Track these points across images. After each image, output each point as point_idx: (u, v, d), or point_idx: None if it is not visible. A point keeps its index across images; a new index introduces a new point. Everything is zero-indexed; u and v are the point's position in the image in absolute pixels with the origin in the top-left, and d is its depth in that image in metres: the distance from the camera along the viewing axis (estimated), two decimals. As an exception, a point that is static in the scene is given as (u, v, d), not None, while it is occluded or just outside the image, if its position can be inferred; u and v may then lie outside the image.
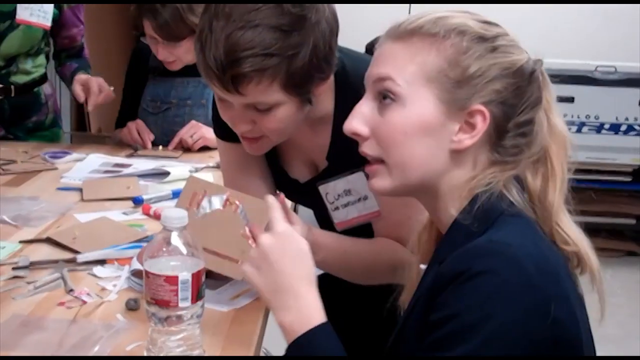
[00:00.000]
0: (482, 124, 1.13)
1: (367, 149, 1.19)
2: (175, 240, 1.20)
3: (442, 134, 1.14)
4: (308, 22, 1.37)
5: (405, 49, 1.16)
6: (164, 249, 1.20)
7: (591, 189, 4.64)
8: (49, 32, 2.84)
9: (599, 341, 3.81)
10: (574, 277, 1.16)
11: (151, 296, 1.20)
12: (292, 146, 1.67)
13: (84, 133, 4.37)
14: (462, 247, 1.08)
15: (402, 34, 1.17)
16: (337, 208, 1.65)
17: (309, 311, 1.17)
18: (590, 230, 4.15)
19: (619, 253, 4.71)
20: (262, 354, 3.07)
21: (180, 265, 1.19)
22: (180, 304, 1.19)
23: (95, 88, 2.68)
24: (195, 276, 1.20)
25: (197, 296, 1.21)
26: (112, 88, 2.76)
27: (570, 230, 1.18)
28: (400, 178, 1.17)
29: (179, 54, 2.64)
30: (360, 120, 1.18)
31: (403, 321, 1.17)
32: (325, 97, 1.50)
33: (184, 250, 1.20)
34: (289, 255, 1.20)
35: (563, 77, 4.69)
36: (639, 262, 4.65)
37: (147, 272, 1.20)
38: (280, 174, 1.74)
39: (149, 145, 2.73)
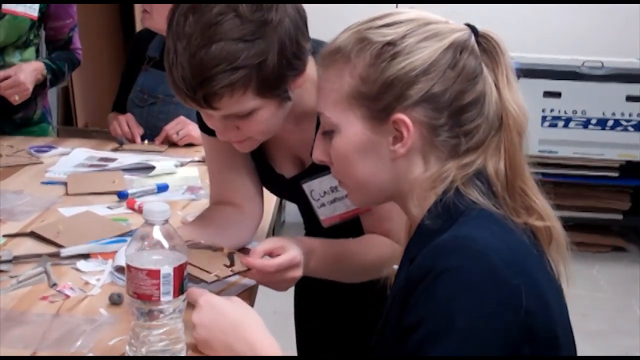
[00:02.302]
0: (407, 132, 1.13)
1: (333, 173, 1.25)
2: (157, 234, 1.20)
3: (378, 148, 1.16)
4: (270, 25, 1.35)
5: (326, 76, 1.19)
6: (146, 243, 1.19)
7: (578, 184, 4.66)
8: (39, 24, 2.81)
9: (586, 336, 3.85)
10: (549, 266, 1.15)
11: (133, 290, 1.19)
12: (277, 142, 1.66)
13: (71, 127, 4.36)
14: (428, 244, 1.07)
15: (324, 61, 1.20)
16: (323, 205, 1.65)
17: (268, 350, 1.21)
18: (577, 226, 4.19)
19: (606, 248, 4.73)
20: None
21: (162, 260, 1.19)
22: (162, 298, 1.19)
23: (8, 82, 2.62)
24: (177, 270, 1.19)
25: (179, 290, 1.20)
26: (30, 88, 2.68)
27: (543, 206, 1.16)
28: (363, 195, 1.23)
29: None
30: (320, 150, 1.23)
31: (382, 324, 1.17)
32: (307, 91, 1.50)
33: (165, 244, 1.20)
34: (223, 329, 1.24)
35: (550, 73, 4.73)
36: (626, 257, 4.68)
37: (129, 266, 1.19)
38: (266, 170, 1.74)
39: (138, 140, 2.72)
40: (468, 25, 1.18)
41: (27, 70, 2.68)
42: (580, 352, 1.20)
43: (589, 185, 4.67)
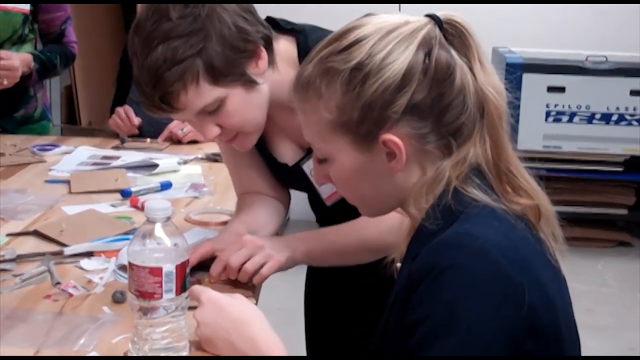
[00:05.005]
0: (398, 149, 1.12)
1: (338, 191, 1.26)
2: (159, 231, 1.20)
3: (375, 166, 1.15)
4: (201, 17, 1.43)
5: (303, 109, 1.18)
6: (148, 241, 1.19)
7: (582, 179, 4.65)
8: (32, 18, 2.80)
9: (591, 330, 3.85)
10: (551, 254, 1.15)
11: (135, 288, 1.19)
12: (275, 130, 1.69)
13: (75, 126, 4.36)
14: (431, 241, 1.07)
15: (296, 95, 1.18)
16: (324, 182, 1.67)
17: (271, 347, 1.20)
18: (582, 221, 4.19)
19: (611, 243, 4.72)
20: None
21: (164, 257, 1.19)
22: (165, 296, 1.19)
23: (4, 64, 2.61)
24: (180, 268, 1.19)
25: (181, 288, 1.20)
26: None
27: (530, 184, 1.15)
28: (370, 209, 1.24)
29: None
30: (320, 175, 1.23)
31: (385, 321, 1.17)
32: (289, 74, 1.51)
33: (168, 241, 1.20)
34: (224, 326, 1.24)
35: (554, 68, 4.70)
36: (631, 252, 4.66)
37: (131, 264, 1.19)
38: (270, 160, 1.76)
39: (135, 129, 2.72)
40: (429, 16, 1.15)
41: (20, 59, 2.67)
42: (586, 347, 1.20)
43: (594, 180, 4.64)
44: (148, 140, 2.71)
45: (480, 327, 1.01)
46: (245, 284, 1.54)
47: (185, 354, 1.24)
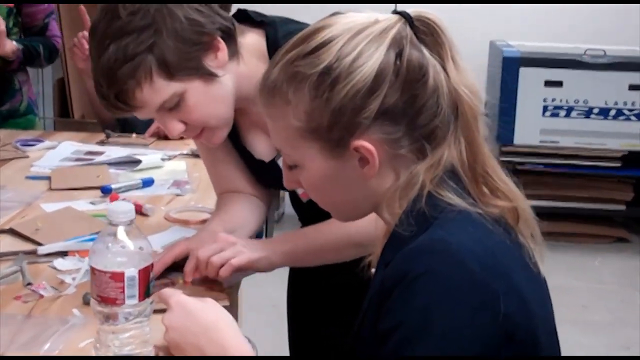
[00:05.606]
0: (371, 156, 1.08)
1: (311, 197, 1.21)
2: (122, 235, 1.16)
3: (347, 174, 1.11)
4: (150, 14, 1.42)
5: (269, 114, 1.13)
6: (110, 245, 1.15)
7: (580, 174, 4.61)
8: (16, 11, 2.78)
9: (587, 327, 3.82)
10: (533, 265, 1.11)
11: (97, 293, 1.16)
12: (250, 126, 1.67)
13: (67, 119, 4.33)
14: (404, 248, 1.04)
15: (262, 99, 1.13)
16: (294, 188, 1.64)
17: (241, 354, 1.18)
18: (579, 217, 4.17)
19: (609, 239, 4.69)
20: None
21: (127, 262, 1.15)
22: (127, 302, 1.15)
23: None
24: (143, 272, 1.16)
25: (145, 293, 1.17)
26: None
27: (508, 186, 1.12)
28: (343, 214, 1.21)
29: None
30: (290, 181, 1.18)
31: (358, 326, 1.14)
32: (258, 67, 1.48)
33: (131, 245, 1.16)
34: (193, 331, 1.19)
35: (551, 61, 4.68)
36: (629, 248, 4.63)
37: (92, 268, 1.16)
38: (247, 157, 1.73)
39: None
40: (399, 13, 1.10)
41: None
42: (580, 344, 1.17)
43: (591, 175, 4.61)
44: (134, 135, 2.68)
45: (456, 332, 0.98)
46: (220, 286, 1.51)
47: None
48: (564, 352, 1.16)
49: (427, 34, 1.10)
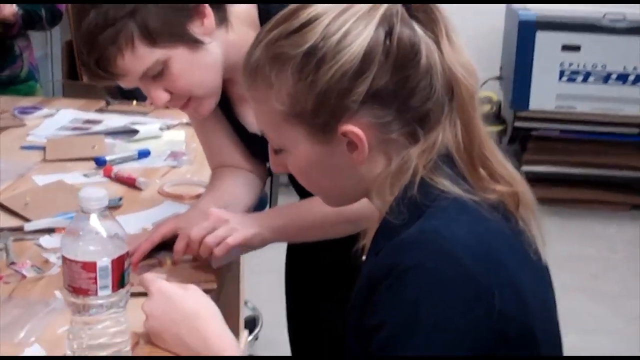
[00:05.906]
0: (360, 141, 1.02)
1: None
2: (95, 222, 1.11)
3: (335, 160, 1.05)
4: None
5: (252, 96, 1.07)
6: (82, 233, 1.10)
7: (597, 140, 4.52)
8: None
9: (596, 297, 3.76)
10: (534, 253, 1.05)
11: (69, 283, 1.11)
12: (241, 98, 1.61)
13: (76, 81, 4.28)
14: (395, 237, 0.98)
15: (245, 80, 1.07)
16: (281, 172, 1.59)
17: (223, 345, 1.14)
18: (595, 183, 4.08)
19: (625, 207, 4.60)
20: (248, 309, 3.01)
21: (100, 251, 1.10)
22: (100, 293, 1.10)
23: None
24: (117, 262, 1.11)
25: (119, 284, 1.12)
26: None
27: (507, 170, 1.06)
28: (333, 200, 1.16)
29: None
30: (277, 165, 1.13)
31: (347, 316, 1.09)
32: (249, 35, 1.42)
33: (104, 233, 1.11)
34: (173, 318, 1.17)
35: (569, 25, 4.55)
36: (645, 216, 4.55)
37: (64, 257, 1.11)
38: (240, 130, 1.68)
39: None
40: None
41: None
42: (589, 314, 1.12)
43: (608, 142, 4.51)
44: (134, 102, 2.62)
45: (447, 323, 0.93)
46: (209, 268, 1.46)
47: (126, 350, 1.16)
48: (571, 320, 1.09)
49: (419, 10, 1.03)
